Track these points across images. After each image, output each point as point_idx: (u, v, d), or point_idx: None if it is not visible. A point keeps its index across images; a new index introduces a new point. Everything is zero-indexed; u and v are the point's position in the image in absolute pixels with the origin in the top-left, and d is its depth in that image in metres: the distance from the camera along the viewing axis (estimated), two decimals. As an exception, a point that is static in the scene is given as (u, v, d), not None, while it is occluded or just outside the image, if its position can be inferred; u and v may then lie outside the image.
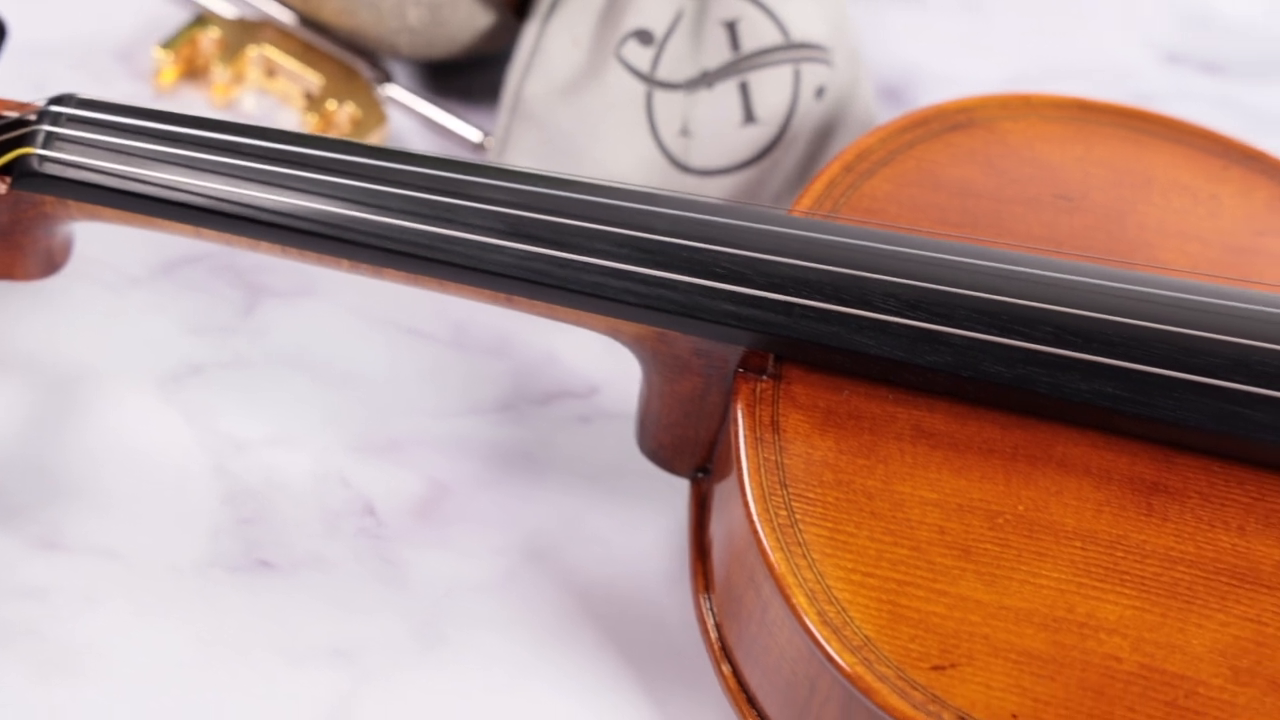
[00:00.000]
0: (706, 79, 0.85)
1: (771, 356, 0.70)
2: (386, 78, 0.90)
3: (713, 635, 0.71)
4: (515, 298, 0.70)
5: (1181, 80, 0.98)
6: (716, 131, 0.85)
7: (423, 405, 0.80)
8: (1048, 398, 0.67)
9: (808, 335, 0.68)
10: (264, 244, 0.71)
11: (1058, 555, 0.66)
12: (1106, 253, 0.74)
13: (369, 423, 0.79)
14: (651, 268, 0.69)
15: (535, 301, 0.70)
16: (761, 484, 0.67)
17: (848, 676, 0.63)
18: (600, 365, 0.82)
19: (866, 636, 0.64)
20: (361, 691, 0.72)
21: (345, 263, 0.71)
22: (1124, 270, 0.71)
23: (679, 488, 0.77)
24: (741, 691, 0.69)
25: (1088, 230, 0.75)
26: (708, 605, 0.71)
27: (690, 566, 0.72)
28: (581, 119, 0.84)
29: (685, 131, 0.85)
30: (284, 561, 0.75)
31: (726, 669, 0.70)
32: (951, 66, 0.96)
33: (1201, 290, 0.70)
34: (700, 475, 0.74)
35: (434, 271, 0.70)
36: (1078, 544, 0.66)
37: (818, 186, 0.76)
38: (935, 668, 0.63)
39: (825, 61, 0.86)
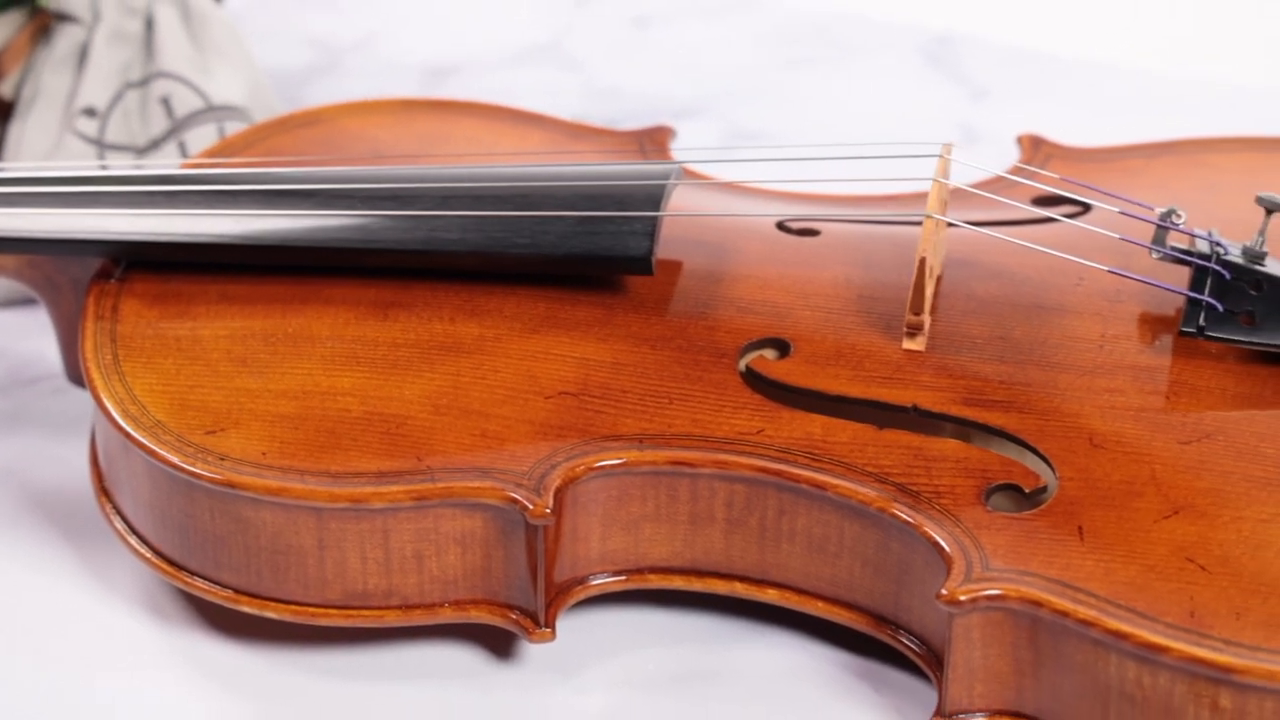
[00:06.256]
0: (155, 143, 1.10)
1: (120, 265, 0.93)
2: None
3: (103, 499, 0.92)
4: None
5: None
6: (163, 181, 1.10)
7: (-74, 396, 1.03)
8: (298, 250, 0.91)
9: (125, 237, 0.91)
10: None
11: (312, 354, 0.88)
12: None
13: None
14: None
15: None
16: (95, 343, 0.89)
17: (139, 445, 0.85)
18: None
19: (158, 420, 0.85)
20: None
21: None
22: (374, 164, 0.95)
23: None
24: (116, 513, 0.90)
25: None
26: (92, 456, 0.92)
27: (90, 436, 0.94)
28: (53, 182, 1.09)
29: (139, 183, 1.10)
30: None
31: (104, 500, 0.91)
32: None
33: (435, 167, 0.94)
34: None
35: None
36: (329, 344, 0.88)
37: (187, 166, 1.00)
38: (208, 432, 0.85)
39: (245, 119, 1.11)
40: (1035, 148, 1.00)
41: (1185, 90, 1.25)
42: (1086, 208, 0.95)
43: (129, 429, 0.85)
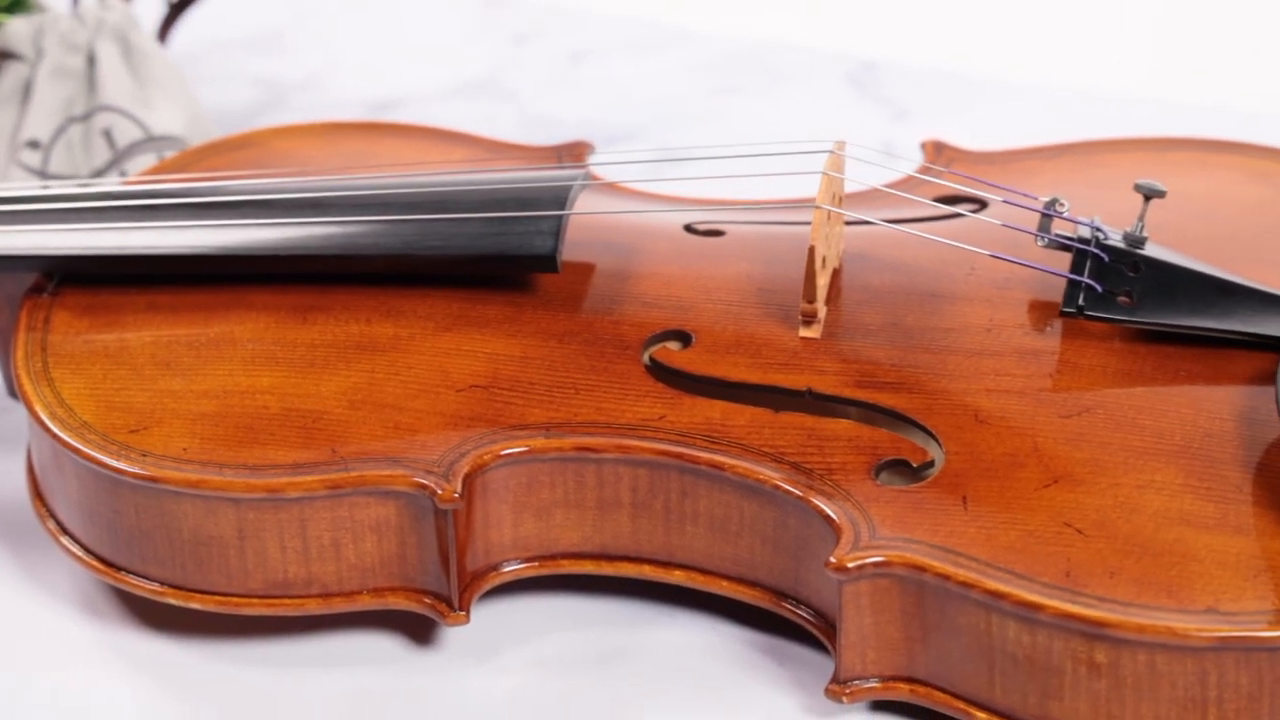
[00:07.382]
0: (98, 174, 1.14)
1: (53, 280, 0.97)
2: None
3: (39, 503, 0.95)
4: None
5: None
6: (107, 209, 1.14)
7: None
8: (221, 259, 0.95)
9: (54, 252, 0.95)
10: None
11: (233, 356, 0.92)
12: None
13: None
14: None
15: None
16: (26, 351, 0.93)
17: (66, 445, 0.88)
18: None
19: (84, 421, 0.89)
20: None
21: None
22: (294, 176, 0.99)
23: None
24: (50, 515, 0.94)
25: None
26: (28, 463, 0.96)
27: (27, 445, 0.98)
28: (-2, 212, 1.13)
29: (82, 212, 1.14)
30: None
31: (39, 504, 0.94)
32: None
33: (353, 177, 0.98)
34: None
35: None
36: (249, 347, 0.92)
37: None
38: (132, 431, 0.89)
39: (182, 148, 1.15)
40: (938, 152, 1.04)
41: (1095, 105, 1.29)
42: (984, 204, 0.99)
43: (56, 430, 0.89)
